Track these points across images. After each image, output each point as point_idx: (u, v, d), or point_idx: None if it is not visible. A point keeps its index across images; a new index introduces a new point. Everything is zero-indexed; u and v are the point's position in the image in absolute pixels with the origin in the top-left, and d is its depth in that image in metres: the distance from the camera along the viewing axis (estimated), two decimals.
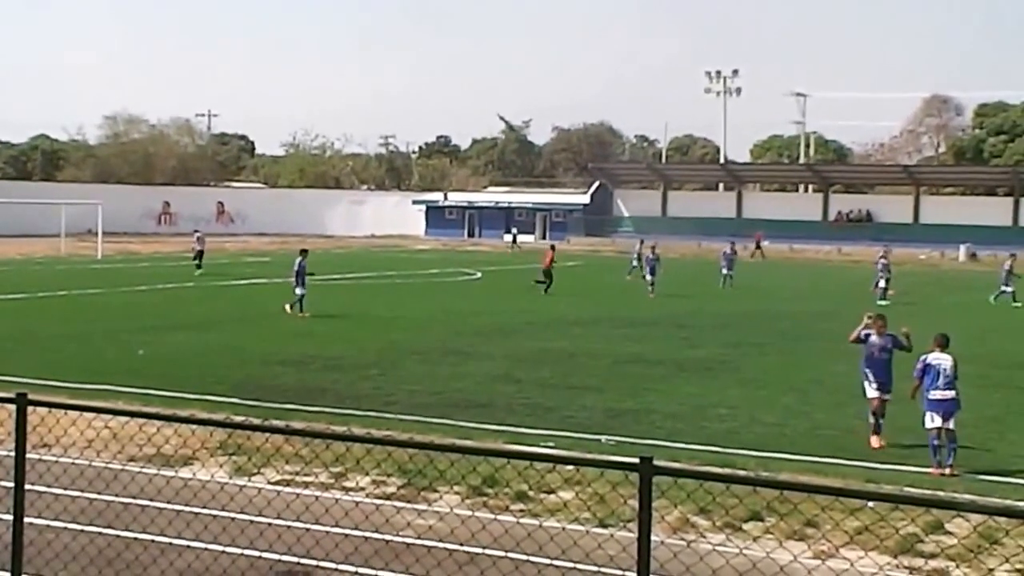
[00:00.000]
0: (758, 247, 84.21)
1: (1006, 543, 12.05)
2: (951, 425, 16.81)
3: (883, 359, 19.02)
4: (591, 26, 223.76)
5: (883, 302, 43.14)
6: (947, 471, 16.50)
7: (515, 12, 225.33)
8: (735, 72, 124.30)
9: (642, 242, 60.81)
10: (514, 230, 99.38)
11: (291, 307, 36.41)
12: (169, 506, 13.46)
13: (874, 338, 19.20)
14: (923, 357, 17.49)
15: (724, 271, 54.46)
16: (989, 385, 24.53)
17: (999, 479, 16.16)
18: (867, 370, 19.16)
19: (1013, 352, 31.23)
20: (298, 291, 36.43)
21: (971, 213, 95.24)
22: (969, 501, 8.28)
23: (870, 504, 12.94)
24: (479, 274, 60.58)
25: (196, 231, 61.01)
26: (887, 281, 47.01)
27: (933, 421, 16.88)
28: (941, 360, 17.25)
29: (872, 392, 19.01)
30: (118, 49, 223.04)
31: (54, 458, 14.45)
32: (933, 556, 12.35)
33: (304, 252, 37.69)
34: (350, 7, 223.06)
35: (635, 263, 58.33)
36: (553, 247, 52.19)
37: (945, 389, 16.97)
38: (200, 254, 57.56)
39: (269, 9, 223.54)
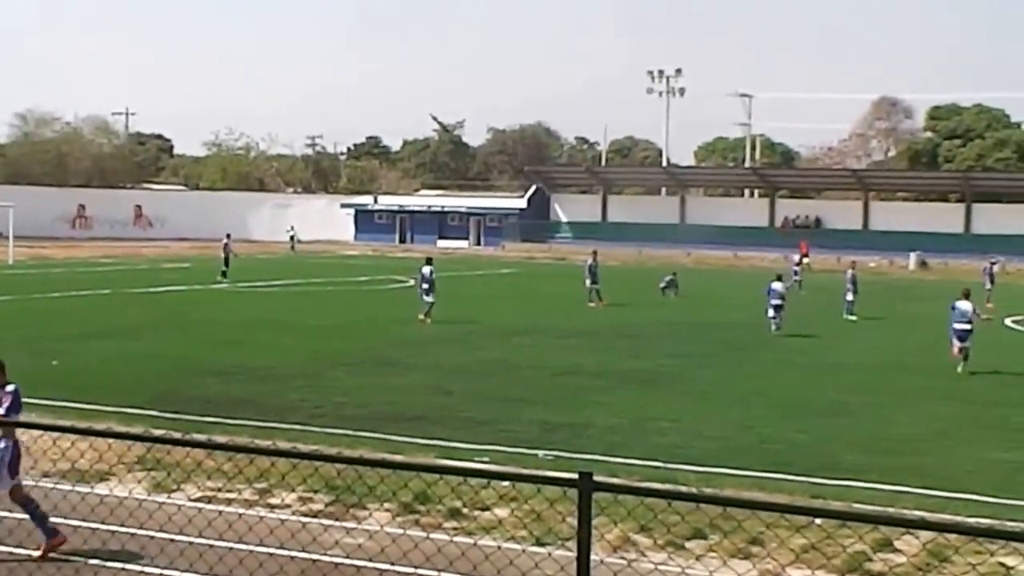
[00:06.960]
0: (806, 255, 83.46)
1: (956, 560, 12.21)
2: None
3: None
4: (528, 24, 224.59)
5: (851, 317, 43.46)
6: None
7: (448, 9, 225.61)
8: (678, 71, 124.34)
9: (801, 253, 63.43)
10: (291, 229, 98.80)
11: (424, 316, 38.13)
12: (85, 524, 13.33)
13: None
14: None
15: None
16: (938, 397, 24.86)
17: (949, 495, 16.34)
18: None
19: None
20: (427, 299, 38.70)
21: (922, 219, 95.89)
22: (919, 518, 8.41)
23: (817, 521, 13.05)
24: (411, 281, 60.42)
25: (227, 235, 59.54)
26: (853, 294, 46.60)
27: None
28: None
29: None
30: (30, 42, 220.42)
31: None
32: (882, 575, 12.49)
33: (429, 260, 40.56)
34: (276, 1, 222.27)
35: (796, 276, 58.33)
36: None
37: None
38: (225, 261, 56.96)
39: (190, 2, 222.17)
